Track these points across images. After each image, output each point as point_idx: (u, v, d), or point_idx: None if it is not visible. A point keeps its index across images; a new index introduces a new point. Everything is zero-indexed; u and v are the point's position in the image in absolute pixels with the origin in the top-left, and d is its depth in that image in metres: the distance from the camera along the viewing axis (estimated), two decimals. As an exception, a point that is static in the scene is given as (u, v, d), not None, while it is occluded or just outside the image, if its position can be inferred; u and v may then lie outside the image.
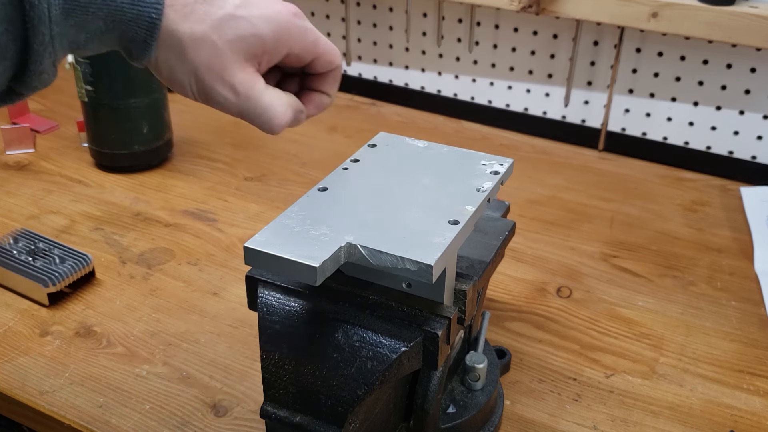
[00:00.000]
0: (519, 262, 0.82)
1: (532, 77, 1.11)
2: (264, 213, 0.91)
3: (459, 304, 0.48)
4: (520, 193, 0.96)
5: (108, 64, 0.91)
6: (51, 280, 0.72)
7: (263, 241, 0.43)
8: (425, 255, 0.42)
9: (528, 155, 1.07)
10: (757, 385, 0.66)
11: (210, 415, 0.61)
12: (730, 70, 0.97)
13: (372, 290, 0.47)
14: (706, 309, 0.75)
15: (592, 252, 0.84)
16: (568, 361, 0.68)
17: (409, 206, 0.48)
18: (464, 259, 0.53)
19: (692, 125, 1.03)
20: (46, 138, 1.08)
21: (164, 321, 0.72)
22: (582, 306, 0.75)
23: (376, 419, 0.49)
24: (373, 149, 0.56)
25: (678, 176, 1.02)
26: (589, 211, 0.93)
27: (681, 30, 0.91)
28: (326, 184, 0.50)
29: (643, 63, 1.02)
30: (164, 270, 0.79)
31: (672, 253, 0.84)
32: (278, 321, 0.46)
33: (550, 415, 0.62)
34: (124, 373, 0.65)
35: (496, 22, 1.09)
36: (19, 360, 0.66)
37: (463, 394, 0.58)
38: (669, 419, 0.62)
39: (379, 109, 1.21)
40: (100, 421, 0.60)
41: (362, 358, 0.44)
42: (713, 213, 0.93)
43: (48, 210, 0.90)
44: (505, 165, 0.54)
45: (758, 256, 0.83)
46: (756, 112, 0.98)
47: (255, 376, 0.65)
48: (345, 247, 0.43)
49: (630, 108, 1.06)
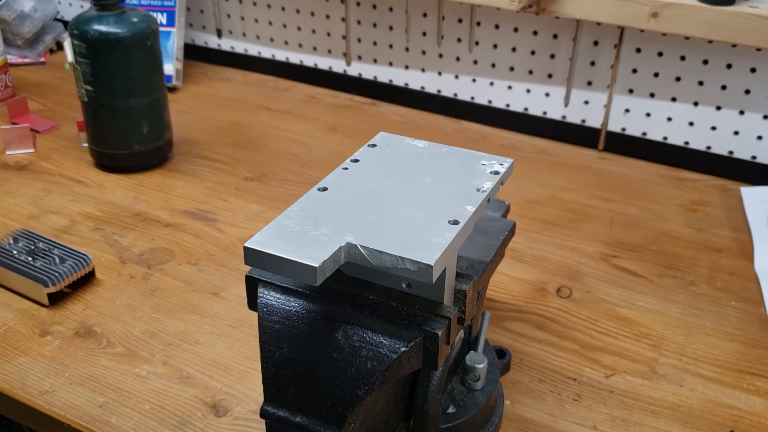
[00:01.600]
0: (519, 262, 0.82)
1: (532, 77, 1.11)
2: (264, 213, 0.91)
3: (459, 304, 0.48)
4: (520, 193, 0.96)
5: (108, 64, 0.91)
6: (51, 280, 0.72)
7: (263, 241, 0.43)
8: (425, 255, 0.42)
9: (528, 155, 1.07)
10: (758, 385, 0.66)
11: (210, 415, 0.61)
12: (730, 70, 0.97)
13: (372, 290, 0.47)
14: (706, 309, 0.75)
15: (592, 252, 0.84)
16: (568, 361, 0.68)
17: (409, 206, 0.48)
18: (464, 259, 0.53)
19: (692, 125, 1.03)
20: (46, 138, 1.08)
21: (164, 321, 0.72)
22: (582, 306, 0.75)
23: (376, 419, 0.49)
24: (373, 149, 0.56)
25: (678, 176, 1.02)
26: (589, 211, 0.93)
27: (681, 30, 0.91)
28: (326, 184, 0.50)
29: (643, 63, 1.02)
30: (164, 270, 0.79)
31: (672, 253, 0.84)
32: (278, 321, 0.46)
33: (550, 415, 0.62)
34: (124, 373, 0.65)
35: (496, 22, 1.09)
36: (19, 360, 0.66)
37: (463, 394, 0.58)
38: (669, 419, 0.62)
39: (379, 109, 1.21)
40: (100, 421, 0.60)
41: (362, 358, 0.44)
42: (713, 213, 0.93)
43: (48, 210, 0.90)
44: (505, 165, 0.54)
45: (758, 256, 0.83)
46: (756, 112, 0.98)
47: (255, 376, 0.65)
48: (345, 247, 0.43)
49: (630, 108, 1.06)
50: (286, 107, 1.21)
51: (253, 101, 1.23)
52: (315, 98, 1.25)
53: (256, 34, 1.33)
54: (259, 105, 1.21)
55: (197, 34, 1.39)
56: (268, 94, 1.26)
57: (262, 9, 1.29)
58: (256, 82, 1.31)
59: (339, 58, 1.26)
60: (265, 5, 1.29)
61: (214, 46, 1.38)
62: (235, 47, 1.36)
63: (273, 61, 1.33)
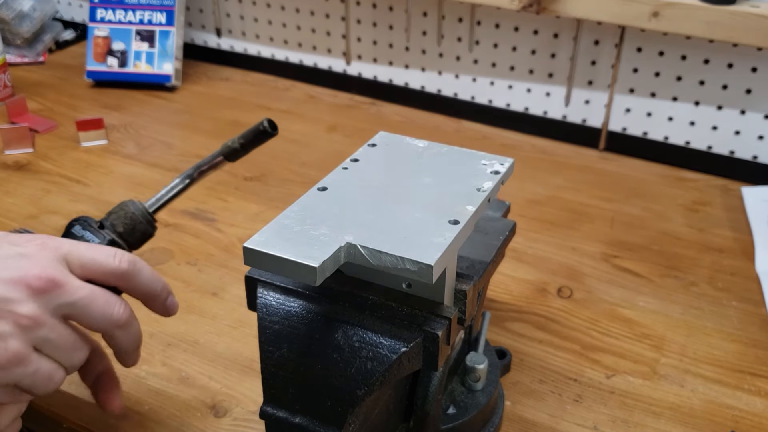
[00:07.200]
0: (519, 262, 0.82)
1: (533, 77, 1.11)
2: (263, 213, 0.90)
3: (459, 305, 0.48)
4: (521, 193, 0.96)
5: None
6: (50, 280, 0.71)
7: (263, 241, 0.43)
8: (425, 255, 0.41)
9: (528, 155, 1.07)
10: (759, 386, 0.65)
11: (209, 416, 0.61)
12: (731, 69, 0.97)
13: (372, 290, 0.47)
14: (707, 309, 0.75)
15: (592, 252, 0.84)
16: (568, 361, 0.68)
17: (409, 206, 0.48)
18: (464, 259, 0.53)
19: (693, 125, 1.03)
20: (45, 138, 1.08)
21: (163, 321, 0.71)
22: (583, 306, 0.75)
23: (376, 420, 0.49)
24: (373, 149, 0.56)
25: (679, 176, 1.02)
26: (590, 211, 0.92)
27: (682, 29, 0.91)
28: (326, 184, 0.50)
29: (644, 62, 1.02)
30: (163, 270, 0.79)
31: (673, 254, 0.84)
32: (278, 321, 0.46)
33: (551, 416, 0.62)
34: (123, 374, 0.65)
35: (497, 22, 1.09)
36: (17, 360, 0.66)
37: (464, 395, 0.58)
38: (670, 420, 0.62)
39: (379, 109, 1.21)
40: (100, 421, 0.60)
41: (362, 359, 0.43)
42: (714, 213, 0.93)
43: (47, 210, 0.89)
44: (506, 165, 0.54)
45: (759, 256, 0.83)
46: (757, 111, 0.98)
47: (255, 376, 0.65)
48: (345, 247, 0.43)
49: (631, 107, 1.06)
50: (285, 107, 1.21)
51: (252, 101, 1.23)
52: (314, 98, 1.25)
53: (255, 34, 1.32)
54: (259, 104, 1.21)
55: (196, 34, 1.39)
56: (268, 93, 1.26)
57: (262, 8, 1.29)
58: (256, 81, 1.31)
59: (339, 57, 1.26)
60: (264, 4, 1.28)
61: (214, 45, 1.38)
62: (235, 46, 1.36)
63: (272, 60, 1.33)
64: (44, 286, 0.44)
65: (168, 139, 1.09)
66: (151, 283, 0.51)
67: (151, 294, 0.52)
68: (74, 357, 0.47)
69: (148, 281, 0.51)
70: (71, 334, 0.47)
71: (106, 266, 0.48)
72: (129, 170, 1.00)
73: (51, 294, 0.44)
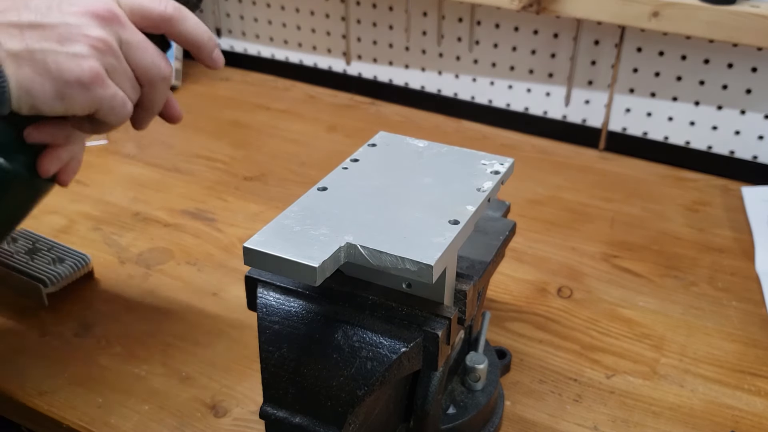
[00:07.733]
0: (519, 262, 0.82)
1: (533, 77, 1.11)
2: (263, 213, 0.90)
3: (459, 305, 0.48)
4: (521, 193, 0.96)
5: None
6: (50, 281, 0.71)
7: (263, 241, 0.43)
8: (425, 255, 0.41)
9: (528, 155, 1.07)
10: (759, 386, 0.65)
11: (209, 416, 0.61)
12: (731, 69, 0.97)
13: (372, 290, 0.47)
14: (707, 309, 0.75)
15: (592, 252, 0.84)
16: (568, 361, 0.68)
17: (409, 206, 0.47)
18: (464, 259, 0.53)
19: (693, 125, 1.03)
20: (45, 137, 1.08)
21: (163, 321, 0.71)
22: (583, 306, 0.75)
23: (376, 420, 0.49)
24: (373, 149, 0.56)
25: (679, 176, 1.02)
26: (590, 211, 0.92)
27: (682, 29, 0.91)
28: (326, 184, 0.50)
29: (644, 62, 1.02)
30: (163, 270, 0.79)
31: (673, 253, 0.84)
32: (278, 321, 0.46)
33: (551, 416, 0.62)
34: (123, 374, 0.65)
35: (497, 21, 1.09)
36: (18, 360, 0.66)
37: (464, 395, 0.58)
38: (670, 420, 0.62)
39: (378, 109, 1.21)
40: (99, 421, 0.60)
41: (362, 359, 0.43)
42: (714, 213, 0.93)
43: (46, 210, 0.89)
44: (506, 164, 0.54)
45: (759, 256, 0.83)
46: (757, 111, 0.98)
47: (254, 376, 0.65)
48: (345, 247, 0.43)
49: (631, 107, 1.06)
50: (285, 106, 1.21)
51: (252, 100, 1.23)
52: (314, 98, 1.25)
53: (255, 33, 1.32)
54: (259, 104, 1.21)
55: (197, 34, 1.39)
56: (268, 93, 1.26)
57: (262, 8, 1.29)
58: (256, 81, 1.31)
59: (339, 57, 1.26)
60: (264, 4, 1.28)
61: (214, 45, 1.38)
62: (235, 46, 1.36)
63: (272, 60, 1.33)
64: (111, 17, 0.47)
65: (168, 138, 1.09)
66: (198, 31, 0.53)
67: (198, 42, 0.53)
68: (135, 92, 0.51)
69: (194, 29, 0.53)
70: (131, 71, 0.50)
71: (153, 9, 0.50)
72: (129, 170, 1.00)
73: (116, 25, 0.48)
